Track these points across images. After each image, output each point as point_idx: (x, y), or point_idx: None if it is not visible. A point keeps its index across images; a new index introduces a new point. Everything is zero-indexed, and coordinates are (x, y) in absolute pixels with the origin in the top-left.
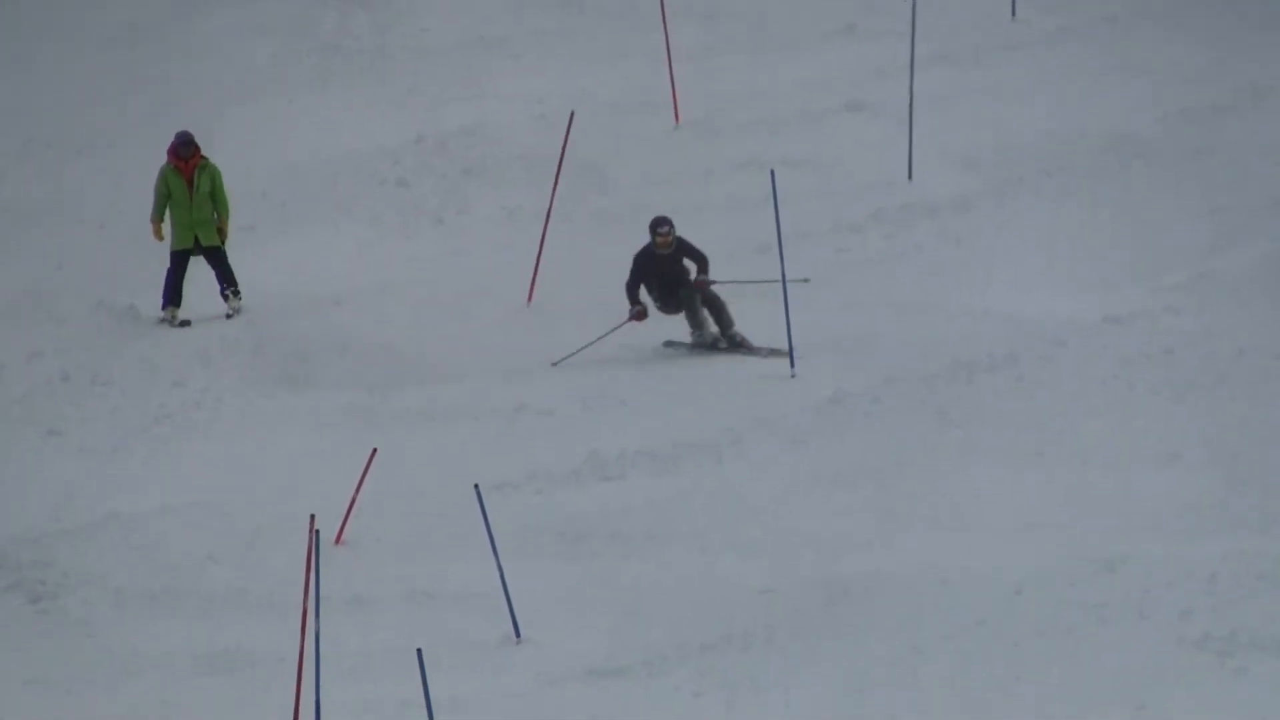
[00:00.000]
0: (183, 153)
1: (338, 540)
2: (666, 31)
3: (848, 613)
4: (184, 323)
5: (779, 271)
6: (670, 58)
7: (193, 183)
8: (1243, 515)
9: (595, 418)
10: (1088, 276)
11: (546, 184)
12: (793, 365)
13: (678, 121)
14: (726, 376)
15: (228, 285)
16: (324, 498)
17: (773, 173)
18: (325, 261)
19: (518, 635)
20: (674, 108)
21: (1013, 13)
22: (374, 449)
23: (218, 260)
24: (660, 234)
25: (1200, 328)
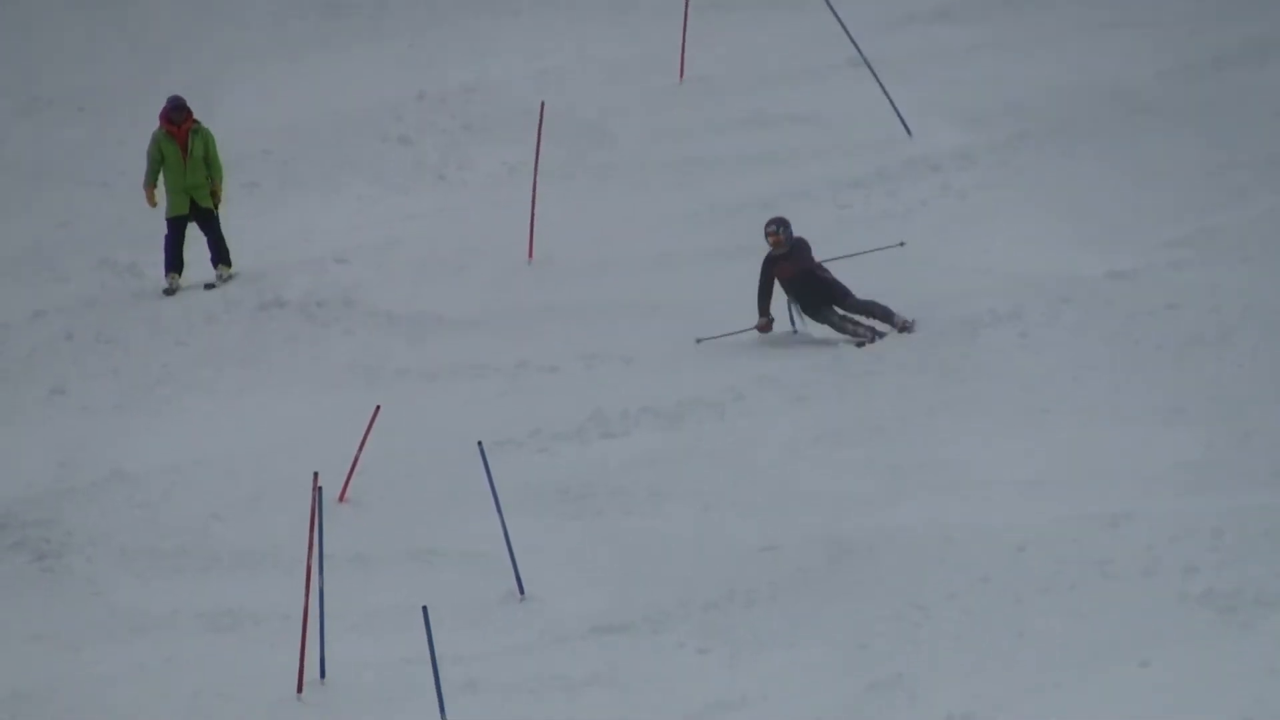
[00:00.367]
0: (175, 117)
1: (341, 498)
2: None
3: (851, 570)
4: (169, 290)
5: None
6: (685, 11)
7: (187, 147)
8: (1247, 471)
9: (598, 375)
10: (1091, 232)
11: (549, 141)
12: (793, 322)
13: (681, 78)
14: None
15: (219, 259)
16: (327, 456)
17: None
18: (327, 219)
19: (521, 592)
20: (680, 63)
21: None
22: (377, 407)
23: (211, 227)
24: (769, 232)
25: (1204, 283)
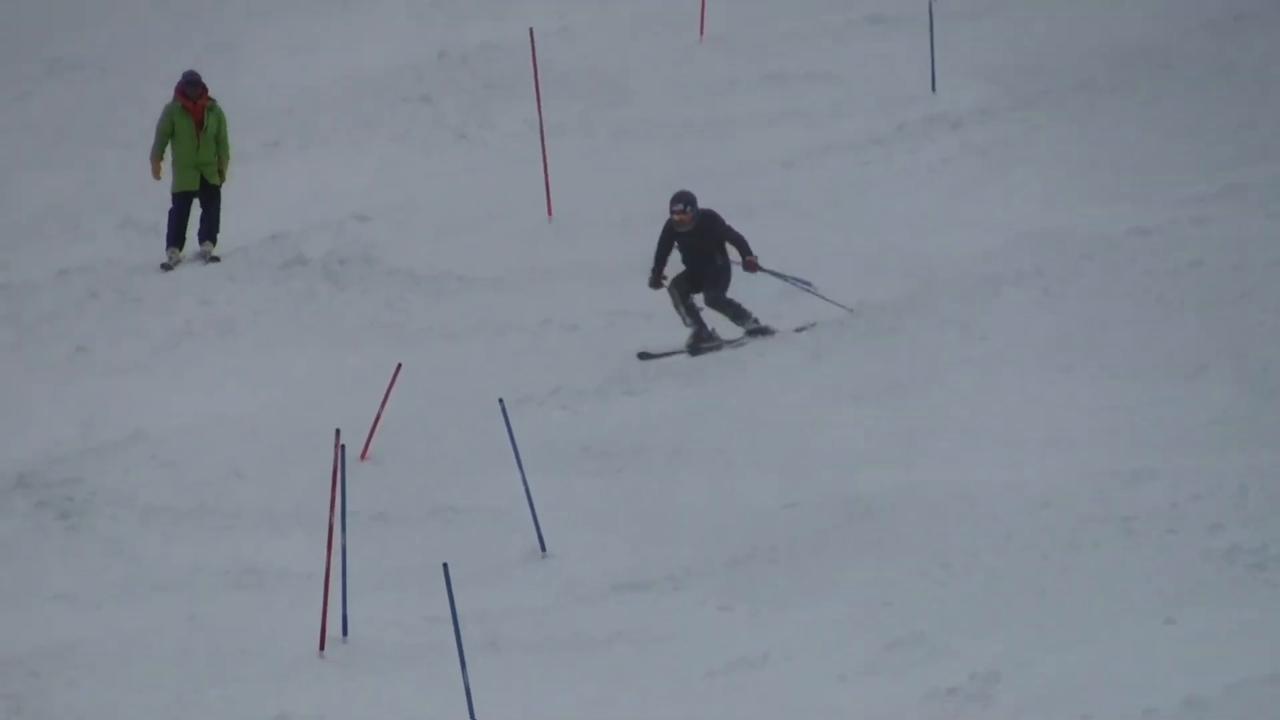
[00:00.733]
0: (190, 92)
1: (363, 456)
2: None
3: (873, 528)
4: (168, 265)
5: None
6: None
7: (201, 123)
8: (1272, 428)
9: (620, 332)
10: (1113, 189)
11: (569, 98)
12: (808, 282)
13: (701, 35)
14: (749, 292)
15: (209, 236)
16: (349, 414)
17: None
18: (349, 178)
19: (543, 550)
20: (700, 21)
21: None
22: (398, 365)
23: (214, 205)
24: (675, 210)
25: (1228, 239)
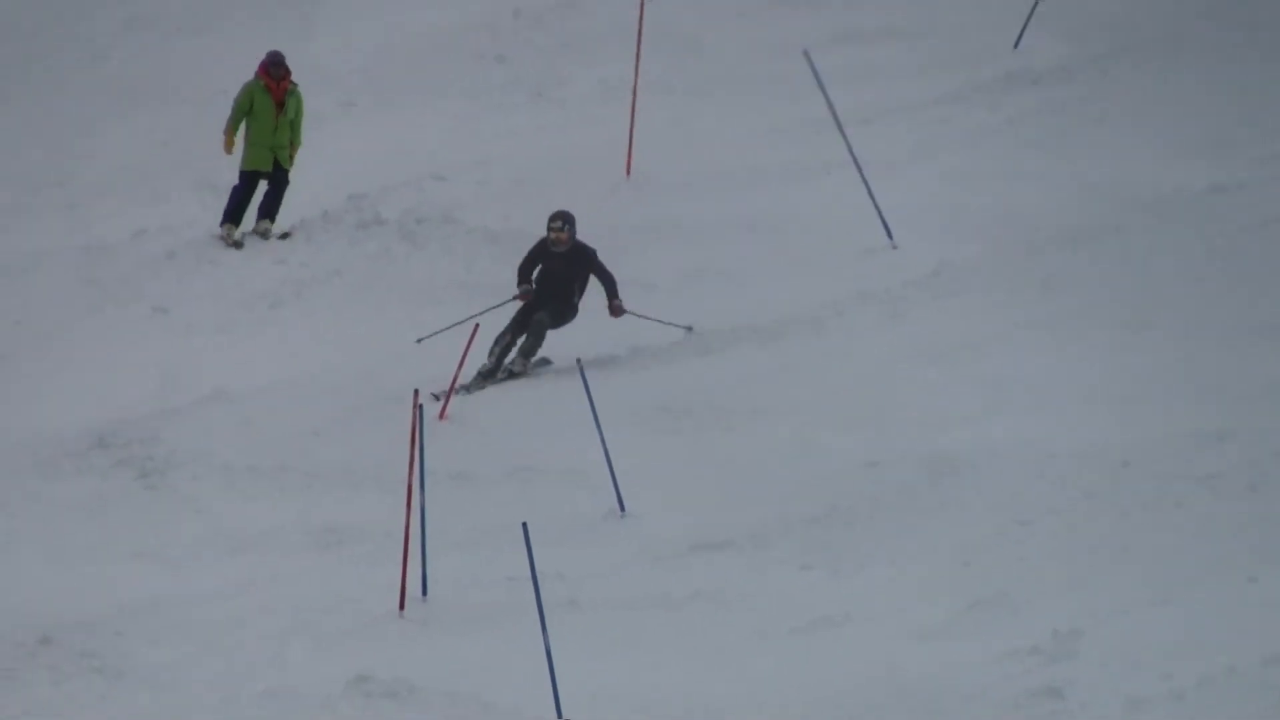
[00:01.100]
0: (275, 73)
1: (441, 416)
2: None
3: (952, 486)
4: (231, 240)
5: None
6: None
7: (282, 104)
8: None
9: (697, 291)
10: (1193, 146)
11: (646, 56)
12: (891, 236)
13: None
14: (825, 249)
15: (269, 215)
16: (428, 373)
17: (807, 54)
18: (425, 137)
19: (622, 509)
20: None
21: None
22: (475, 325)
23: (280, 186)
24: (552, 229)
25: None
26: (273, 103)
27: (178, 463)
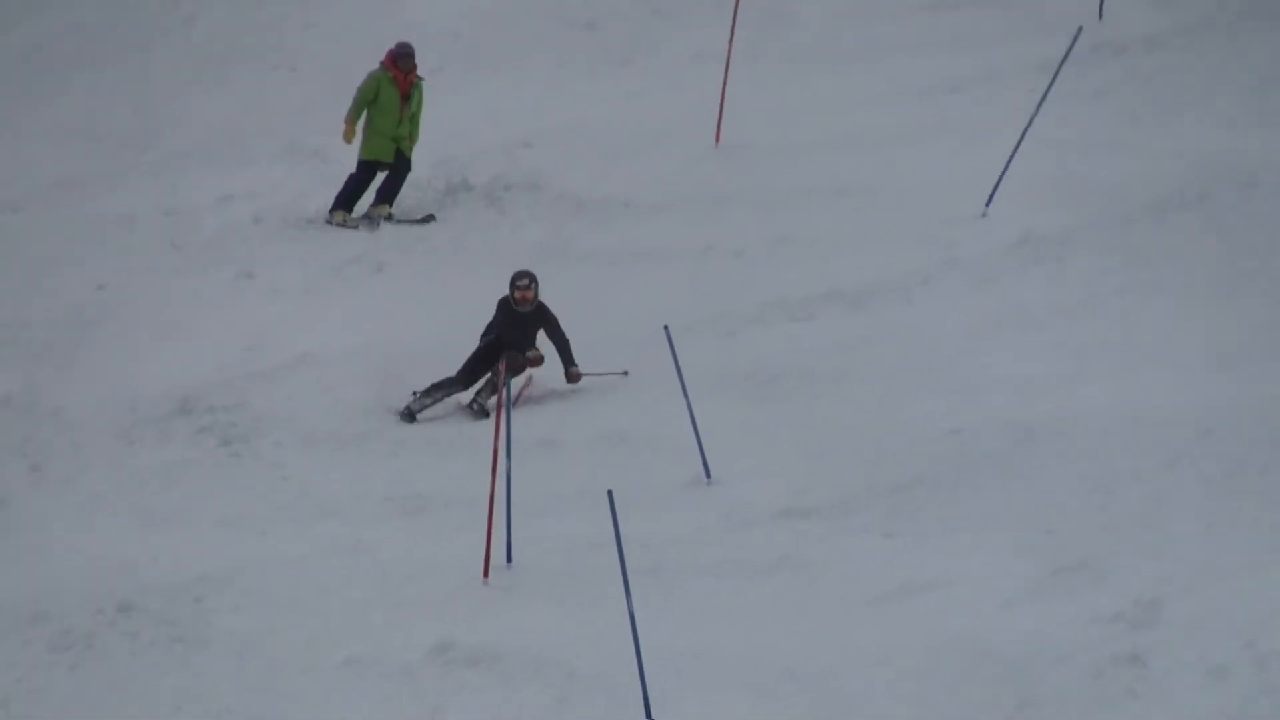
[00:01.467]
0: (403, 65)
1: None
2: None
3: (1037, 453)
4: (345, 223)
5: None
6: None
7: (407, 97)
8: None
9: (783, 258)
10: (1279, 114)
11: (736, 24)
12: (989, 204)
13: None
14: (914, 217)
15: (387, 200)
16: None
17: None
18: (513, 103)
19: (707, 476)
20: None
21: None
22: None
23: (400, 176)
24: (518, 287)
25: None
26: (399, 95)
27: (262, 429)
